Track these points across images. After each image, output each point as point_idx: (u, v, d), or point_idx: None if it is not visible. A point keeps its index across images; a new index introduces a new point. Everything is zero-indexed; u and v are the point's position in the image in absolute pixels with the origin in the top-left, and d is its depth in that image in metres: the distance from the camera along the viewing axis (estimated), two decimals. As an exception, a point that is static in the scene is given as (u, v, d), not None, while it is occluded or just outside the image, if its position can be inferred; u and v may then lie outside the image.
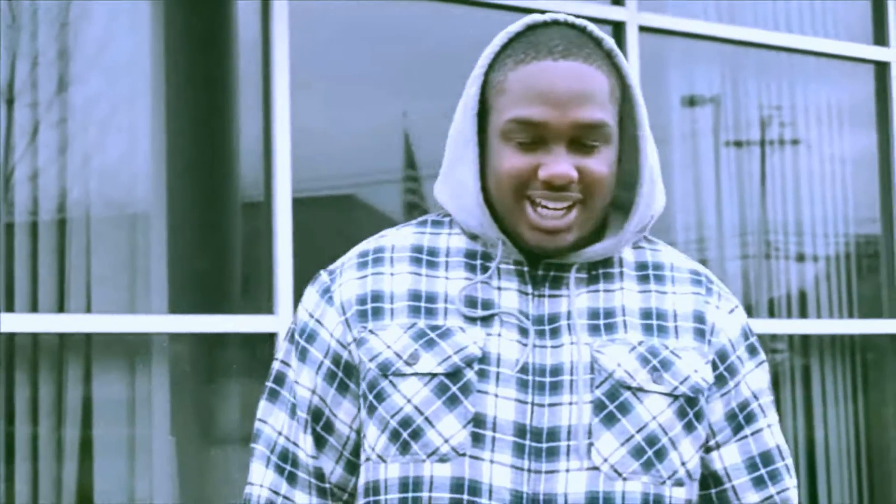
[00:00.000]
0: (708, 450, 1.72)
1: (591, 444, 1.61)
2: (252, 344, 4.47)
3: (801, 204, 5.83)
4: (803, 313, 5.80)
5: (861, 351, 5.95)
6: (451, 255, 1.72)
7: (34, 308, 4.13)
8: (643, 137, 1.70)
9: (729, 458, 1.71)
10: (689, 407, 1.66)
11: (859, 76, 6.03)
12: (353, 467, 1.74)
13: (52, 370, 4.15)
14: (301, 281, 4.42)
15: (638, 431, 1.62)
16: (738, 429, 1.72)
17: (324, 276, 1.77)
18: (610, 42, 1.68)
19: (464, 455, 1.61)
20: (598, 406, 1.62)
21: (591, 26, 1.69)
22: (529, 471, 1.61)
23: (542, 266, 1.68)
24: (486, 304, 1.67)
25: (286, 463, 1.75)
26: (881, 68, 6.03)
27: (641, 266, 1.73)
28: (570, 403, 1.62)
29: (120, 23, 4.38)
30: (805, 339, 5.81)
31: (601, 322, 1.67)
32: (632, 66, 5.31)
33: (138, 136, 4.37)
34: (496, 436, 1.61)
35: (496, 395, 1.62)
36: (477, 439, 1.61)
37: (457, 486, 1.61)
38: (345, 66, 4.77)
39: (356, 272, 1.74)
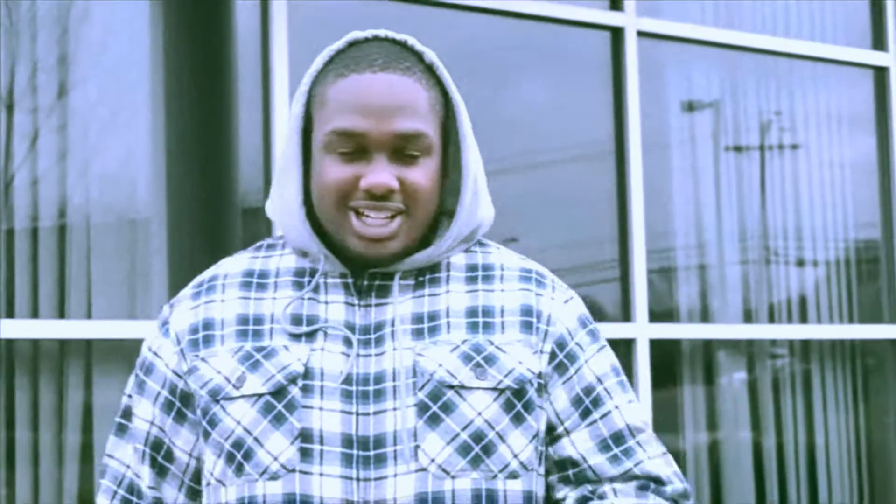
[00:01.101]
0: (557, 437, 1.73)
1: (417, 447, 1.63)
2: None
3: (801, 209, 5.83)
4: (803, 318, 5.80)
5: (861, 356, 5.95)
6: (280, 275, 1.75)
7: (35, 314, 4.13)
8: (465, 147, 1.72)
9: (581, 443, 1.73)
10: (516, 399, 1.68)
11: (858, 81, 6.03)
12: (195, 494, 1.78)
13: (52, 376, 4.15)
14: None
15: (463, 429, 1.65)
16: (585, 413, 1.73)
17: (165, 309, 1.81)
18: (431, 56, 1.71)
19: (293, 471, 1.63)
20: (422, 408, 1.64)
21: (413, 41, 1.73)
22: (359, 479, 1.63)
23: (367, 276, 1.71)
24: (311, 320, 1.69)
25: (132, 495, 1.78)
26: (880, 73, 6.04)
27: (471, 268, 1.76)
28: (395, 409, 1.64)
29: (118, 28, 4.38)
30: (805, 344, 5.81)
31: (425, 326, 1.69)
32: (630, 72, 5.32)
33: (138, 141, 4.37)
34: (324, 449, 1.63)
35: (321, 409, 1.64)
36: (305, 454, 1.63)
37: (289, 502, 1.63)
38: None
39: (191, 302, 1.77)
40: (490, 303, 1.73)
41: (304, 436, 1.64)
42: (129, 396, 1.80)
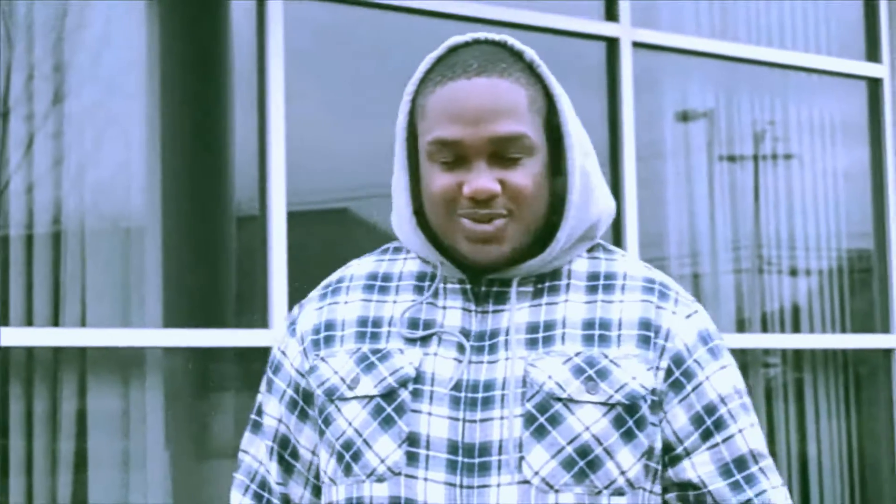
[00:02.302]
0: (677, 458, 1.71)
1: (521, 458, 1.63)
2: (246, 358, 4.47)
3: (794, 219, 5.84)
4: (796, 328, 5.81)
5: (854, 365, 5.96)
6: (402, 279, 1.77)
7: (29, 322, 4.13)
8: (569, 146, 1.71)
9: (702, 466, 1.70)
10: (627, 415, 1.66)
11: (852, 92, 6.05)
12: (319, 491, 1.80)
13: (46, 384, 4.15)
14: (295, 295, 4.42)
15: (569, 443, 1.63)
16: (707, 435, 1.71)
17: (295, 309, 1.85)
18: (531, 54, 1.70)
19: (399, 474, 1.65)
20: (529, 419, 1.64)
21: (512, 40, 1.71)
22: (462, 486, 1.64)
23: (485, 282, 1.71)
24: (428, 325, 1.71)
25: (265, 490, 1.82)
26: (874, 84, 6.05)
27: (593, 276, 1.74)
28: (501, 418, 1.64)
29: (114, 35, 4.39)
30: (798, 353, 5.82)
31: (539, 335, 1.69)
32: (625, 82, 5.33)
33: (133, 149, 4.37)
34: (430, 454, 1.65)
35: (429, 414, 1.66)
36: (411, 458, 1.65)
37: None
38: (340, 80, 4.78)
39: (317, 303, 1.81)
40: (608, 315, 1.71)
41: (411, 440, 1.65)
42: (261, 393, 1.84)
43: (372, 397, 1.68)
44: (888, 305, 6.00)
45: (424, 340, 1.70)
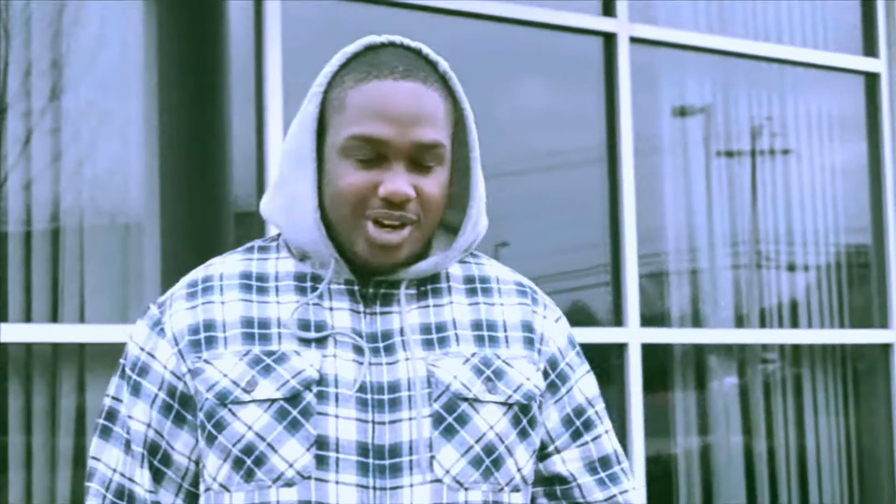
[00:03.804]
0: (548, 455, 1.76)
1: (432, 458, 1.64)
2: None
3: (792, 214, 5.85)
4: (794, 323, 5.81)
5: (852, 360, 5.96)
6: (280, 279, 1.72)
7: (28, 318, 4.13)
8: (474, 160, 1.73)
9: (571, 461, 1.76)
10: (522, 414, 1.70)
11: (849, 87, 6.05)
12: (193, 498, 1.74)
13: (45, 380, 4.15)
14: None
15: (477, 442, 1.66)
16: (577, 435, 1.77)
17: (153, 308, 1.76)
18: (444, 65, 1.71)
19: (309, 478, 1.62)
20: (437, 419, 1.65)
21: (427, 49, 1.71)
22: (374, 488, 1.63)
23: (373, 284, 1.70)
24: (319, 326, 1.68)
25: (122, 500, 1.73)
26: (871, 79, 6.06)
27: (469, 280, 1.77)
28: (410, 419, 1.64)
29: (111, 31, 4.39)
30: (796, 348, 5.82)
31: (434, 336, 1.70)
32: (622, 77, 5.34)
33: (130, 145, 4.37)
34: (339, 456, 1.63)
35: (337, 416, 1.64)
36: (321, 461, 1.62)
37: None
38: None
39: (186, 302, 1.73)
40: (492, 317, 1.74)
41: (320, 443, 1.63)
42: (115, 399, 1.75)
43: (274, 400, 1.64)
44: (886, 300, 6.01)
45: (320, 342, 1.67)
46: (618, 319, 5.31)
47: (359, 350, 1.67)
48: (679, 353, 5.52)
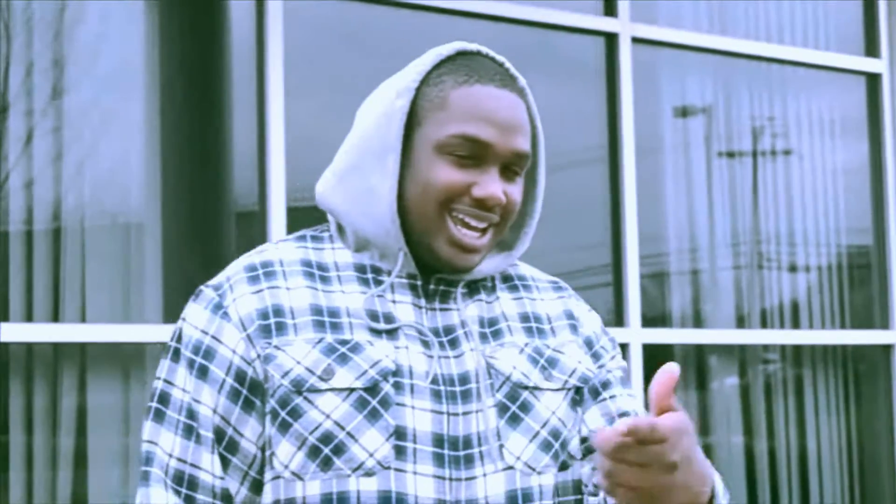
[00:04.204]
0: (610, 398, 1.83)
1: (501, 446, 1.68)
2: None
3: (793, 214, 5.85)
4: (795, 324, 5.81)
5: (853, 361, 5.96)
6: (340, 269, 1.74)
7: (29, 318, 4.13)
8: (542, 172, 1.81)
9: (592, 420, 1.79)
10: (577, 396, 1.78)
11: (851, 87, 6.05)
12: (257, 487, 1.70)
13: (46, 379, 4.15)
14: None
15: (542, 427, 1.72)
16: (596, 394, 1.81)
17: (208, 291, 1.73)
18: (523, 81, 1.76)
19: (388, 468, 1.64)
20: (502, 409, 1.70)
21: (509, 63, 1.77)
22: (451, 479, 1.65)
23: (434, 280, 1.73)
24: (388, 318, 1.70)
25: (181, 486, 1.69)
26: (872, 79, 6.06)
27: (507, 278, 1.84)
28: (478, 410, 1.68)
29: (113, 30, 4.38)
30: (797, 349, 5.82)
31: (488, 330, 1.75)
32: (624, 78, 5.33)
33: (132, 144, 4.37)
34: (417, 447, 1.65)
35: (413, 407, 1.66)
36: (399, 452, 1.64)
37: (384, 499, 1.63)
38: (340, 74, 4.78)
39: (249, 286, 1.71)
40: (536, 310, 1.82)
41: (399, 433, 1.64)
42: (168, 382, 1.71)
43: (353, 390, 1.65)
44: (887, 301, 6.01)
45: (391, 333, 1.69)
46: (619, 320, 5.31)
47: (426, 343, 1.69)
48: (680, 354, 5.52)
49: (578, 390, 1.78)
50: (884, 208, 6.02)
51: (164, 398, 1.71)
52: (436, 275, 1.73)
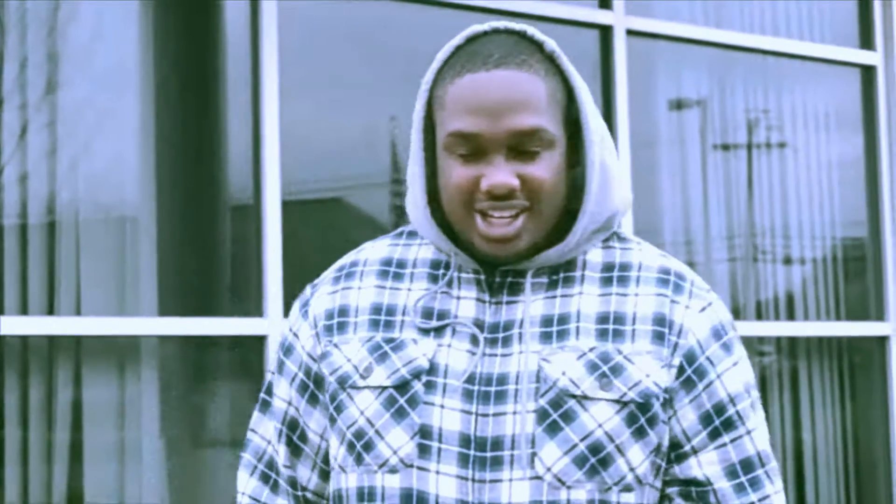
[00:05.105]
0: (684, 456, 1.70)
1: (534, 454, 1.63)
2: (241, 346, 4.48)
3: (789, 207, 5.85)
4: (791, 316, 5.82)
5: (848, 353, 5.97)
6: (417, 266, 1.75)
7: (24, 311, 4.13)
8: (589, 140, 1.68)
9: (708, 465, 1.69)
10: (640, 413, 1.65)
11: (846, 80, 6.05)
12: (327, 475, 1.80)
13: (41, 373, 4.15)
14: (290, 283, 4.43)
15: (582, 440, 1.63)
16: (715, 435, 1.69)
17: (307, 290, 1.83)
18: (551, 44, 1.69)
19: (411, 466, 1.65)
20: (542, 415, 1.63)
21: (532, 30, 1.70)
22: (474, 480, 1.63)
23: (499, 273, 1.70)
24: (442, 315, 1.70)
25: (272, 471, 1.81)
26: (868, 72, 6.06)
27: (607, 267, 1.72)
28: (514, 413, 1.64)
29: (108, 26, 4.39)
30: (792, 341, 5.83)
31: (553, 329, 1.67)
32: (619, 70, 5.33)
33: (127, 139, 4.37)
34: (441, 446, 1.64)
35: (442, 407, 1.65)
36: (423, 450, 1.65)
37: (406, 496, 1.65)
38: (334, 70, 4.78)
39: (330, 287, 1.79)
40: (622, 309, 1.69)
41: (423, 432, 1.65)
42: (272, 374, 1.83)
43: (384, 388, 1.67)
44: (882, 293, 6.01)
45: (438, 331, 1.69)
46: (614, 312, 5.30)
47: (475, 340, 1.67)
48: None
49: (642, 407, 1.65)
50: (878, 201, 6.02)
51: (268, 390, 1.84)
52: (500, 268, 1.70)
